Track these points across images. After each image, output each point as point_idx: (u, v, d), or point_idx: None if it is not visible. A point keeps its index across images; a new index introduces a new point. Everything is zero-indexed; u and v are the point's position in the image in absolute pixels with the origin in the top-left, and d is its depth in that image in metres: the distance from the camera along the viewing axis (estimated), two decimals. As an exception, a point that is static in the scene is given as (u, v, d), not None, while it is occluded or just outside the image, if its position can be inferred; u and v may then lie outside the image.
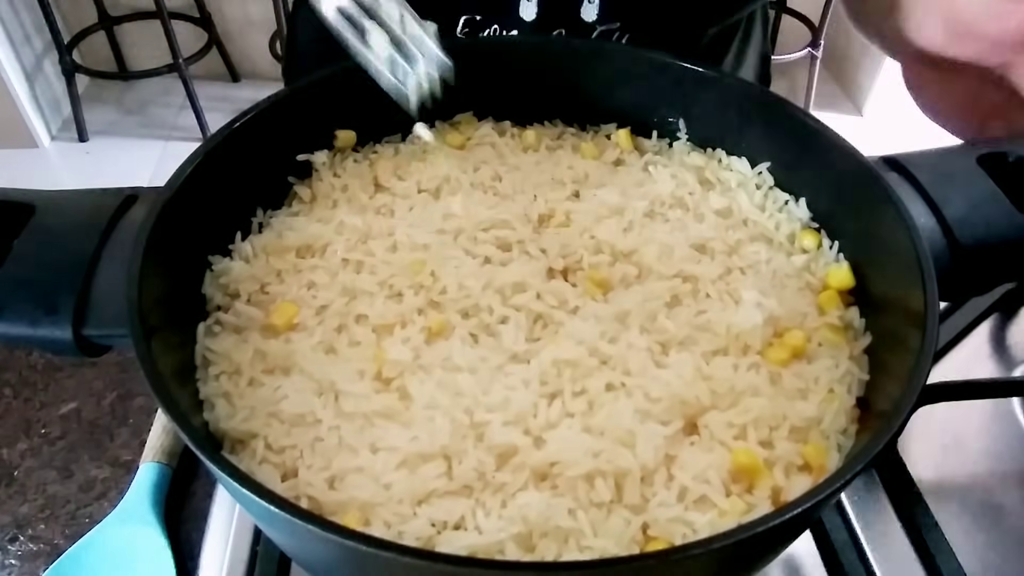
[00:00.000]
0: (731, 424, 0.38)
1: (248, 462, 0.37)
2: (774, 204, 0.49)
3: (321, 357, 0.41)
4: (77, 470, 0.55)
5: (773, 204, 0.49)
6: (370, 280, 0.44)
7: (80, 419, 0.58)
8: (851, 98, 2.44)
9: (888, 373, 0.39)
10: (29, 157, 2.21)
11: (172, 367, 0.38)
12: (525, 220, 0.47)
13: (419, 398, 0.39)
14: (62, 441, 0.57)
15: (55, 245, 0.40)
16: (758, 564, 0.41)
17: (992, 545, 0.46)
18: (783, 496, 0.36)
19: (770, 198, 0.50)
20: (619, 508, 0.35)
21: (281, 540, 0.39)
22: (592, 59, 0.53)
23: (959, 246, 0.41)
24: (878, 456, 0.32)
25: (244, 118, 0.45)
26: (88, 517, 0.53)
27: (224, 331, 0.42)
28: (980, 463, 0.51)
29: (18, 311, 0.37)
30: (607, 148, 0.53)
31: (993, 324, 0.59)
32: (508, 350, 0.41)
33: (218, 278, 0.44)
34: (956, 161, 0.45)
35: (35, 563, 0.51)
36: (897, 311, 0.40)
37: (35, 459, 0.56)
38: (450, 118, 0.54)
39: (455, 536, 0.34)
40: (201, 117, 2.20)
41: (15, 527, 0.52)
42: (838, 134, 0.45)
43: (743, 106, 0.50)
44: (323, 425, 0.38)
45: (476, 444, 0.37)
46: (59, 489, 0.54)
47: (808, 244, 0.47)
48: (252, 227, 0.47)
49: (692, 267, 0.45)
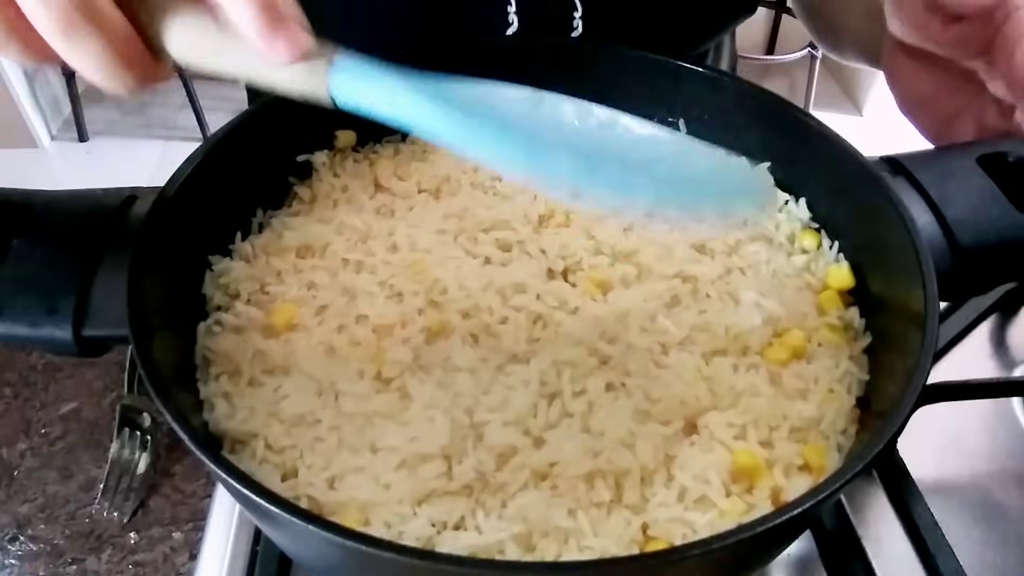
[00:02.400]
0: (731, 424, 0.38)
1: (248, 462, 0.37)
2: (773, 204, 0.49)
3: (321, 357, 0.41)
4: (77, 470, 0.55)
5: (772, 204, 0.49)
6: (370, 280, 0.44)
7: (80, 419, 0.58)
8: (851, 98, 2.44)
9: (888, 373, 0.39)
10: (29, 157, 2.20)
11: (172, 367, 0.38)
12: (525, 220, 0.47)
13: (419, 398, 0.39)
14: (62, 441, 0.57)
15: (55, 245, 0.40)
16: (758, 564, 0.41)
17: (992, 544, 0.46)
18: (783, 496, 0.36)
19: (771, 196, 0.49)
20: (619, 508, 0.35)
21: (281, 540, 0.39)
22: (591, 59, 0.53)
23: (959, 246, 0.41)
24: (878, 456, 0.32)
25: (244, 118, 0.45)
26: (88, 517, 0.53)
27: (224, 331, 0.42)
28: (980, 463, 0.51)
29: (18, 311, 0.37)
30: (607, 148, 0.53)
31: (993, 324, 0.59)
32: (508, 350, 0.41)
33: (218, 278, 0.44)
34: (956, 161, 0.45)
35: (35, 563, 0.51)
36: (897, 311, 0.40)
37: (35, 459, 0.56)
38: (450, 118, 0.54)
39: (455, 536, 0.34)
40: (201, 117, 2.20)
41: (15, 527, 0.52)
42: (838, 134, 0.45)
43: (742, 106, 0.50)
44: (323, 425, 0.38)
45: (476, 444, 0.37)
46: (59, 489, 0.54)
47: (808, 244, 0.47)
48: (252, 227, 0.47)
49: (692, 267, 0.45)
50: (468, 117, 0.32)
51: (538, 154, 0.32)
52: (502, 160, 0.32)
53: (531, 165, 0.32)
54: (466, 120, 0.32)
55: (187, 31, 0.33)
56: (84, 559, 0.51)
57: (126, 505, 0.53)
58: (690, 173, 0.35)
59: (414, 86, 0.33)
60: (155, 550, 0.52)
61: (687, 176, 0.35)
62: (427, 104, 0.33)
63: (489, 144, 0.32)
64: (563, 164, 0.32)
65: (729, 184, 0.36)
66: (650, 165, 0.34)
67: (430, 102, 0.33)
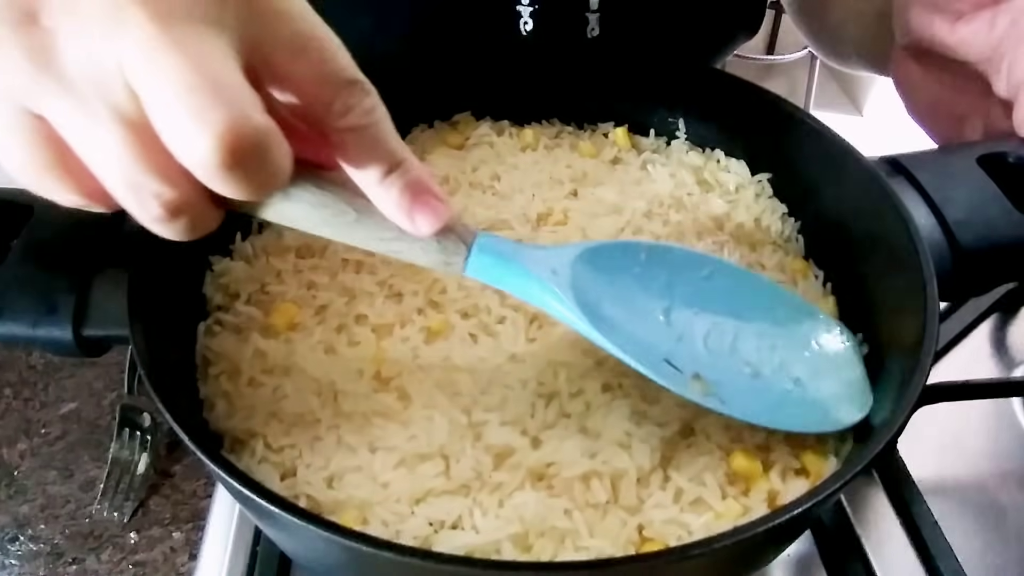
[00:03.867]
0: (728, 427, 0.38)
1: (247, 461, 0.37)
2: (772, 214, 0.49)
3: (321, 357, 0.41)
4: (77, 470, 0.55)
5: (772, 214, 0.49)
6: (370, 280, 0.44)
7: (80, 419, 0.58)
8: (851, 98, 2.43)
9: (888, 373, 0.39)
10: (30, 157, 2.20)
11: (172, 367, 0.38)
12: (524, 219, 0.47)
13: (418, 398, 0.39)
14: (62, 441, 0.57)
15: (55, 245, 0.40)
16: (757, 565, 0.41)
17: (992, 545, 0.46)
18: (779, 500, 0.36)
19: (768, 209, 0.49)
20: (615, 509, 0.35)
21: (280, 539, 0.39)
22: (591, 58, 0.53)
23: (959, 246, 0.41)
24: (877, 457, 0.32)
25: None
26: (88, 517, 0.53)
27: (224, 331, 0.42)
28: (980, 463, 0.51)
29: (18, 311, 0.37)
30: (605, 147, 0.53)
31: (993, 324, 0.59)
32: (506, 350, 0.41)
33: (218, 278, 0.44)
34: (956, 161, 0.45)
35: (35, 563, 0.51)
36: (897, 311, 0.40)
37: (35, 459, 0.56)
38: (448, 118, 0.54)
39: (452, 535, 0.34)
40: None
41: (15, 527, 0.52)
42: (838, 134, 0.45)
43: (742, 106, 0.50)
44: (322, 424, 0.38)
45: (474, 444, 0.37)
46: (59, 489, 0.54)
47: (798, 273, 0.47)
48: (252, 227, 0.47)
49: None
50: (595, 323, 0.35)
51: (663, 376, 0.35)
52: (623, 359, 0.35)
53: (655, 376, 0.35)
54: (593, 327, 0.34)
55: (299, 204, 0.30)
56: (84, 559, 0.51)
57: (126, 505, 0.53)
58: (815, 397, 0.38)
59: (547, 274, 0.35)
60: (155, 550, 0.52)
61: (809, 401, 0.38)
62: (556, 303, 0.35)
63: (610, 348, 0.35)
64: (686, 391, 0.36)
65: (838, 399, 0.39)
66: (770, 387, 0.38)
67: (559, 301, 0.35)
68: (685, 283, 0.39)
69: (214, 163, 0.24)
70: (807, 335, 0.41)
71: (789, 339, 0.40)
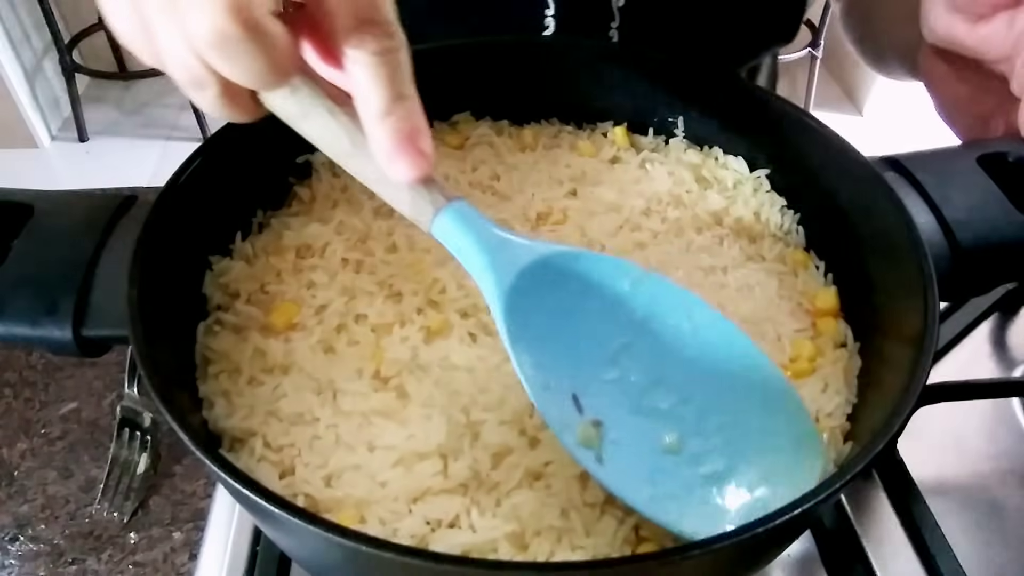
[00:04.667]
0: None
1: (246, 460, 0.37)
2: (771, 207, 0.49)
3: (320, 356, 0.41)
4: (77, 470, 0.55)
5: (771, 207, 0.49)
6: (369, 280, 0.44)
7: (80, 419, 0.58)
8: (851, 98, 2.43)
9: (888, 373, 0.39)
10: (29, 157, 2.21)
11: (172, 367, 0.38)
12: (524, 219, 0.47)
13: (416, 397, 0.39)
14: (62, 441, 0.57)
15: (55, 245, 0.40)
16: (758, 565, 0.41)
17: (992, 544, 0.46)
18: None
19: (767, 203, 0.49)
20: (611, 509, 0.35)
21: (279, 538, 0.39)
22: (590, 58, 0.53)
23: (959, 246, 0.41)
24: (878, 456, 0.32)
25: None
26: (88, 517, 0.53)
27: (224, 330, 0.42)
28: (980, 463, 0.51)
29: (18, 311, 0.37)
30: (604, 146, 0.53)
31: (993, 324, 0.59)
32: (505, 350, 0.40)
33: (218, 278, 0.44)
34: (956, 161, 0.45)
35: (35, 563, 0.51)
36: (897, 311, 0.40)
37: (35, 459, 0.56)
38: (448, 118, 0.54)
39: (449, 534, 0.34)
40: (201, 117, 2.20)
41: (15, 527, 0.52)
42: (838, 134, 0.45)
43: (742, 106, 0.50)
44: (321, 423, 0.38)
45: (472, 443, 0.37)
46: (59, 489, 0.54)
47: (799, 264, 0.47)
48: (252, 227, 0.48)
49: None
50: (518, 324, 0.34)
51: (544, 405, 0.34)
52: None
53: (536, 401, 0.34)
54: (507, 325, 0.34)
55: (306, 118, 0.33)
56: (84, 559, 0.51)
57: (126, 505, 0.53)
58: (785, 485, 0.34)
59: (500, 258, 0.34)
60: (155, 550, 0.52)
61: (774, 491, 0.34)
62: (487, 287, 0.34)
63: (510, 355, 0.34)
64: (564, 431, 0.33)
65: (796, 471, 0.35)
66: (675, 472, 0.35)
67: (489, 286, 0.34)
68: (660, 330, 0.35)
69: (207, 41, 0.27)
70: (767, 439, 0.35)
71: (744, 437, 0.35)
